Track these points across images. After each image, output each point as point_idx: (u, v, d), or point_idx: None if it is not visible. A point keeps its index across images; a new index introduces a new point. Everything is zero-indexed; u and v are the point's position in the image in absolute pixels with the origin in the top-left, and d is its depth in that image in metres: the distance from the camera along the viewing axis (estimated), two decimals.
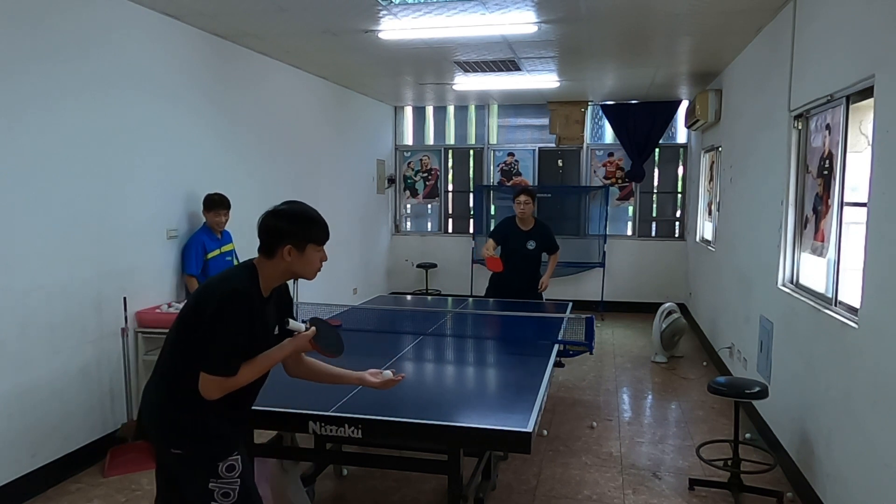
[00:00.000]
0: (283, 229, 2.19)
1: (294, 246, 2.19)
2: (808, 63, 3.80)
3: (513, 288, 5.27)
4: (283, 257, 2.19)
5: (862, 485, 2.84)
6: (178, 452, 2.19)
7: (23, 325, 3.50)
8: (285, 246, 2.18)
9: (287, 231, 2.19)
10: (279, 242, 2.18)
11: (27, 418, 3.55)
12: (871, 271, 2.80)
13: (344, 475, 3.83)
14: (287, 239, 2.18)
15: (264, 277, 2.22)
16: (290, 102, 6.46)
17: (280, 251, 2.18)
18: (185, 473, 2.23)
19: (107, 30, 4.02)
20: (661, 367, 6.27)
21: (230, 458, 2.19)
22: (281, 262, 2.21)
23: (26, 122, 3.49)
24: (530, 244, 5.30)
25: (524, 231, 5.32)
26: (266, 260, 2.22)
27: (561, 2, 4.24)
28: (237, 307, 2.11)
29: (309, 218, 2.25)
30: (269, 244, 2.20)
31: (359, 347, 3.87)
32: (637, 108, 8.49)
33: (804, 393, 3.60)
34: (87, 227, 3.89)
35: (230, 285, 2.16)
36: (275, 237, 2.19)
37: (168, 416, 2.20)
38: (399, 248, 9.62)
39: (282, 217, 2.21)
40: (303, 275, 2.27)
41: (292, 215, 2.23)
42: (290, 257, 2.19)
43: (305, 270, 2.26)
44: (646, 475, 3.89)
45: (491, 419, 2.65)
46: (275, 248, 2.19)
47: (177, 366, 2.19)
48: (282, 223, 2.20)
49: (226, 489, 2.18)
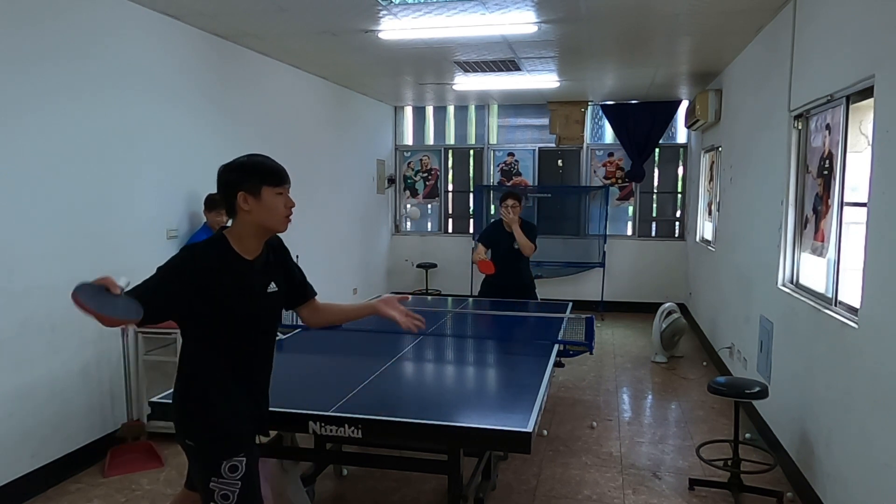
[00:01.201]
0: (233, 178, 2.16)
1: (247, 192, 2.14)
2: (808, 63, 3.80)
3: (505, 288, 5.29)
4: (242, 207, 2.15)
5: (862, 485, 2.84)
6: (190, 444, 2.20)
7: (23, 325, 3.50)
8: (238, 193, 2.14)
9: (237, 178, 2.15)
10: (233, 192, 2.15)
11: (27, 418, 3.55)
12: (871, 271, 2.80)
13: (344, 475, 3.83)
14: (238, 186, 2.14)
15: (234, 237, 2.19)
16: (291, 102, 6.46)
17: (237, 202, 2.15)
18: (194, 465, 2.27)
19: (107, 30, 4.02)
20: (661, 367, 6.27)
21: (235, 459, 2.16)
22: (243, 216, 2.17)
23: (26, 122, 3.49)
24: (517, 245, 5.31)
25: (510, 233, 5.33)
26: (233, 220, 2.21)
27: (561, 2, 4.24)
28: (180, 260, 2.14)
29: (255, 161, 2.20)
30: (227, 199, 2.18)
31: (359, 348, 3.88)
32: (637, 108, 8.49)
33: (804, 393, 3.60)
34: (87, 227, 3.90)
35: (190, 248, 2.21)
36: (229, 188, 2.16)
37: (181, 406, 2.23)
38: (399, 248, 9.62)
39: (230, 167, 2.19)
40: (270, 224, 2.20)
41: (239, 163, 2.19)
42: (248, 205, 2.14)
43: (270, 218, 2.18)
44: (646, 475, 3.89)
45: (491, 419, 2.65)
46: (232, 202, 2.16)
47: (183, 354, 2.25)
48: (231, 173, 2.17)
49: (225, 491, 2.15)
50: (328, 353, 3.80)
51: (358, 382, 3.03)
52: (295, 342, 3.91)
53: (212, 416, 2.18)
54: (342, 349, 3.85)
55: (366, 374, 3.16)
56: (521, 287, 5.34)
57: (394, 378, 3.27)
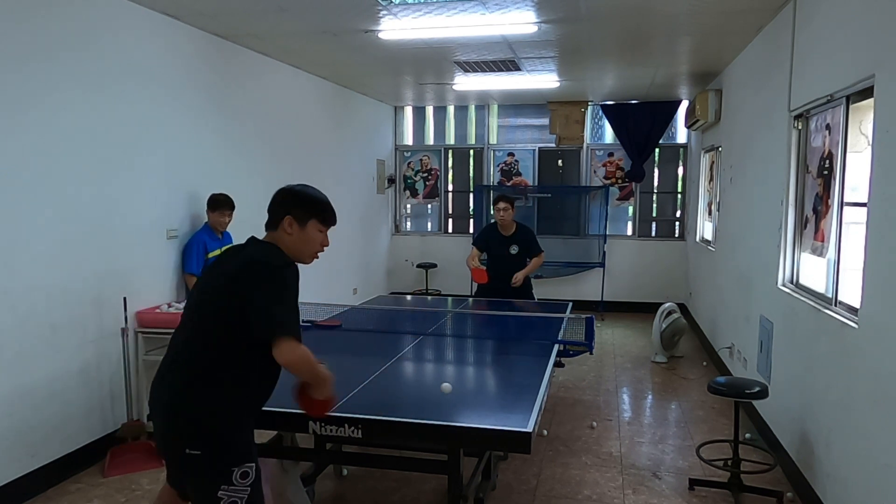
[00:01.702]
0: (289, 200, 2.27)
1: (295, 218, 2.23)
2: (808, 63, 3.80)
3: (502, 291, 5.28)
4: (285, 229, 2.23)
5: (862, 485, 2.84)
6: (195, 454, 2.10)
7: (23, 326, 3.50)
8: (287, 215, 2.22)
9: (292, 202, 2.26)
10: (283, 212, 2.24)
11: (27, 418, 3.55)
12: (871, 271, 2.80)
13: (344, 475, 3.83)
14: (290, 208, 2.24)
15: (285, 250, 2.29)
16: (291, 102, 6.46)
17: (282, 222, 2.23)
18: (197, 477, 2.16)
19: (107, 30, 4.02)
20: (661, 367, 6.27)
21: (246, 465, 2.14)
22: (283, 236, 2.24)
23: (26, 122, 3.49)
24: (513, 249, 5.29)
25: (506, 236, 5.31)
26: (270, 234, 2.29)
27: (561, 2, 4.24)
28: (296, 275, 2.19)
29: (315, 196, 2.34)
30: (274, 213, 2.27)
31: (359, 348, 3.88)
32: (637, 108, 8.49)
33: (804, 393, 3.60)
34: (88, 227, 3.89)
35: (283, 259, 2.20)
36: (280, 206, 2.26)
37: (187, 415, 2.13)
38: (399, 248, 9.62)
39: (290, 191, 2.31)
40: (300, 254, 2.28)
41: (301, 191, 2.32)
42: (292, 230, 2.23)
43: (304, 249, 2.27)
44: (646, 475, 3.89)
45: (491, 419, 2.65)
46: (279, 219, 2.25)
47: (203, 359, 2.13)
48: (290, 195, 2.29)
49: (234, 498, 2.12)
50: (328, 353, 3.77)
51: (358, 382, 3.03)
52: None
53: (230, 422, 2.14)
54: (342, 349, 3.85)
55: (366, 374, 3.16)
56: (517, 290, 5.32)
57: (394, 378, 3.27)
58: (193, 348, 2.18)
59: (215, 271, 2.33)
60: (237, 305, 2.09)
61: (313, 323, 4.27)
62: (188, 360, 2.18)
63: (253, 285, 2.10)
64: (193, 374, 2.15)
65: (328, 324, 4.29)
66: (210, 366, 2.15)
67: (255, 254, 2.23)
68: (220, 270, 2.27)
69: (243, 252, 2.27)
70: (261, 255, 2.21)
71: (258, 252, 2.23)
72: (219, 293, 2.17)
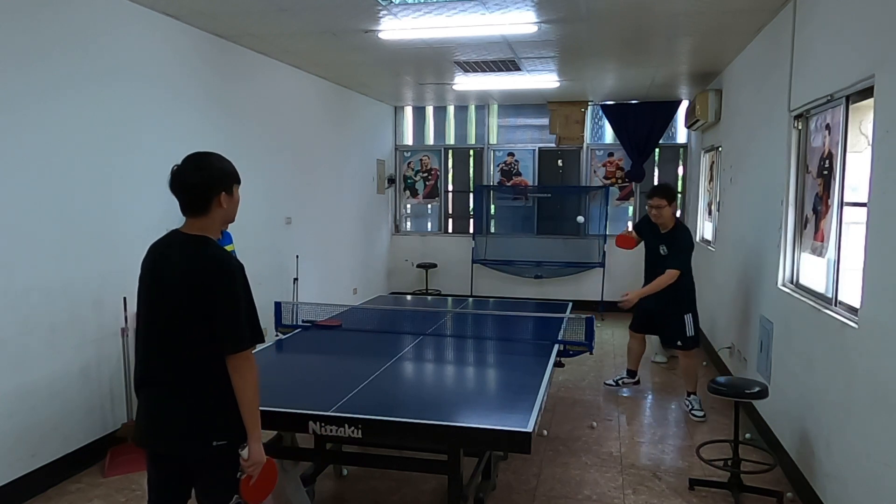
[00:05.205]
0: (214, 178, 2.17)
1: (227, 192, 2.19)
2: (808, 63, 3.80)
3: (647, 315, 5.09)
4: (221, 205, 2.17)
5: (862, 485, 2.84)
6: (221, 444, 2.13)
7: (23, 325, 3.50)
8: (220, 194, 2.17)
9: (220, 179, 2.18)
10: (213, 193, 2.16)
11: (27, 418, 3.55)
12: (871, 271, 2.80)
13: (344, 475, 3.83)
14: (220, 186, 2.17)
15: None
16: (291, 102, 6.45)
17: (216, 201, 2.16)
18: (220, 469, 2.18)
19: (106, 30, 4.02)
20: (661, 367, 6.27)
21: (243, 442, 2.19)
22: (219, 212, 2.19)
23: (26, 122, 3.49)
24: (662, 249, 4.94)
25: (661, 233, 4.92)
26: (201, 218, 2.17)
27: (561, 2, 4.24)
28: (244, 277, 2.16)
29: (226, 162, 2.26)
30: (203, 198, 2.15)
31: (359, 348, 3.88)
32: (637, 108, 8.49)
33: (804, 393, 3.60)
34: (88, 227, 3.89)
35: (233, 260, 2.17)
36: (210, 189, 2.15)
37: (217, 405, 2.13)
38: (399, 248, 9.62)
39: (206, 168, 2.18)
40: (230, 219, 2.28)
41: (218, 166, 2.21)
42: (225, 203, 2.19)
43: (233, 213, 2.26)
44: (646, 475, 3.89)
45: (491, 419, 2.65)
46: (210, 201, 2.15)
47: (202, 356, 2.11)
48: (209, 173, 2.17)
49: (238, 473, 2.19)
50: (328, 353, 3.80)
51: (358, 382, 3.03)
52: (295, 342, 3.91)
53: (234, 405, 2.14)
54: (342, 349, 3.85)
55: (366, 374, 3.16)
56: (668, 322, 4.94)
57: (394, 378, 3.27)
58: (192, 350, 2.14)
59: (168, 284, 2.15)
60: (208, 314, 2.09)
61: (313, 323, 4.27)
62: (191, 362, 2.14)
63: (218, 296, 2.08)
64: (202, 374, 2.13)
65: (328, 324, 4.29)
66: (211, 366, 2.15)
67: (215, 256, 2.14)
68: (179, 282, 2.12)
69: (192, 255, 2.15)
70: (221, 257, 2.15)
71: (214, 254, 2.15)
72: (192, 297, 2.10)
